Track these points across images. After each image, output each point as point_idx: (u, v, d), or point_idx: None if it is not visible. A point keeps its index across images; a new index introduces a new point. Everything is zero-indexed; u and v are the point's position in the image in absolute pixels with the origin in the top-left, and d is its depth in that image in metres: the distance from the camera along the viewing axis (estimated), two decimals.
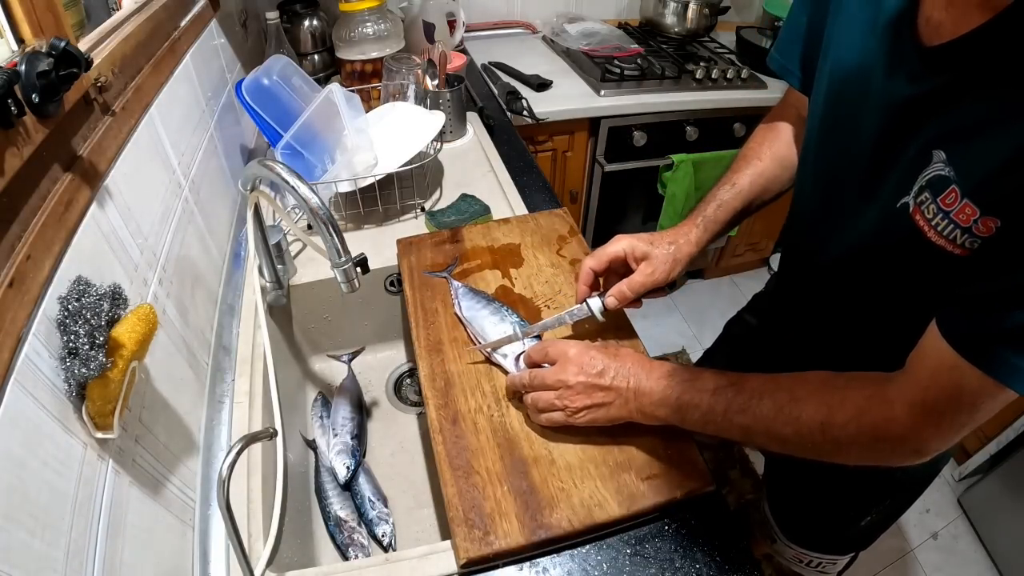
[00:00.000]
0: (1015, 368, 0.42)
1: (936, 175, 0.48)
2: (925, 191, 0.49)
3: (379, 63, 1.33)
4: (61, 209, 0.45)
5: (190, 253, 0.73)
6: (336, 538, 0.75)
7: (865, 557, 1.53)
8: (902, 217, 0.51)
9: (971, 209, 0.45)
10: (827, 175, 0.64)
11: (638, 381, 0.61)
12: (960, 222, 0.46)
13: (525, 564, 0.58)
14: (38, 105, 0.41)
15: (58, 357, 0.42)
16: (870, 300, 0.63)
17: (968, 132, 0.46)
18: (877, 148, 0.55)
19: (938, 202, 0.47)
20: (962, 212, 0.45)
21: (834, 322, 0.70)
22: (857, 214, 0.59)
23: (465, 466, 0.62)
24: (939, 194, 0.47)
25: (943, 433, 0.48)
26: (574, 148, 1.63)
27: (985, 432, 1.61)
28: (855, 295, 0.64)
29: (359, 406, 0.90)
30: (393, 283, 0.98)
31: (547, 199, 1.08)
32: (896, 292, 0.58)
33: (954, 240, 0.47)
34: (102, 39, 0.60)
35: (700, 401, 0.57)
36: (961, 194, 0.45)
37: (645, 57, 1.71)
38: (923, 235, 0.49)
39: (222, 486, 0.47)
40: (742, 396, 0.55)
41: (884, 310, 0.62)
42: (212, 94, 0.94)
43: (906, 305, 0.57)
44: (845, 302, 0.67)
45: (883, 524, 0.85)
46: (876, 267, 0.59)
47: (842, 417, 0.50)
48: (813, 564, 0.89)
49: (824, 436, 0.51)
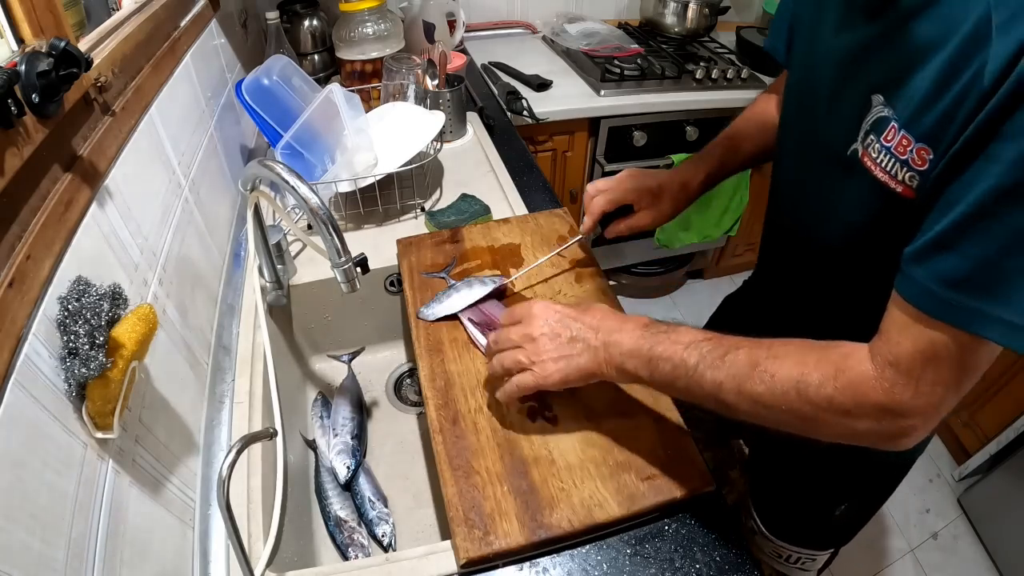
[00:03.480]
0: (976, 313, 0.41)
1: (877, 117, 0.51)
2: (870, 134, 0.52)
3: (379, 63, 1.33)
4: (61, 209, 0.45)
5: (190, 253, 0.73)
6: (336, 538, 0.75)
7: (865, 557, 1.54)
8: (854, 164, 0.54)
9: (907, 140, 0.48)
10: (797, 140, 0.67)
11: (608, 332, 0.58)
12: (899, 154, 0.49)
13: (525, 564, 0.58)
14: (38, 105, 0.41)
15: (58, 357, 0.42)
16: (848, 269, 0.63)
17: (900, 71, 0.49)
18: (831, 103, 0.58)
19: (881, 140, 0.51)
20: (900, 144, 0.49)
21: (818, 295, 0.71)
22: (824, 175, 0.61)
23: (465, 466, 0.62)
24: (881, 133, 0.51)
25: (922, 395, 0.45)
26: (574, 148, 1.63)
27: (985, 432, 1.61)
28: (834, 266, 0.65)
29: (359, 406, 0.90)
30: (393, 283, 0.98)
31: (547, 199, 1.08)
32: (868, 253, 0.59)
33: (895, 176, 0.50)
34: (102, 39, 0.60)
35: (672, 354, 0.54)
36: (899, 128, 0.49)
37: (645, 57, 1.70)
38: (872, 175, 0.52)
39: (222, 486, 0.47)
40: (718, 350, 0.52)
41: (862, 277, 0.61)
42: (212, 94, 0.94)
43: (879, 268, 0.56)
44: (826, 275, 0.67)
45: (860, 516, 0.84)
46: (846, 228, 0.60)
47: (818, 376, 0.47)
48: (792, 559, 0.89)
49: (799, 397, 0.47)
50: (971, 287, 0.41)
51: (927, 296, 0.44)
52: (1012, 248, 0.40)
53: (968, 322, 0.42)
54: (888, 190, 0.50)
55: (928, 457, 1.79)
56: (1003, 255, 0.40)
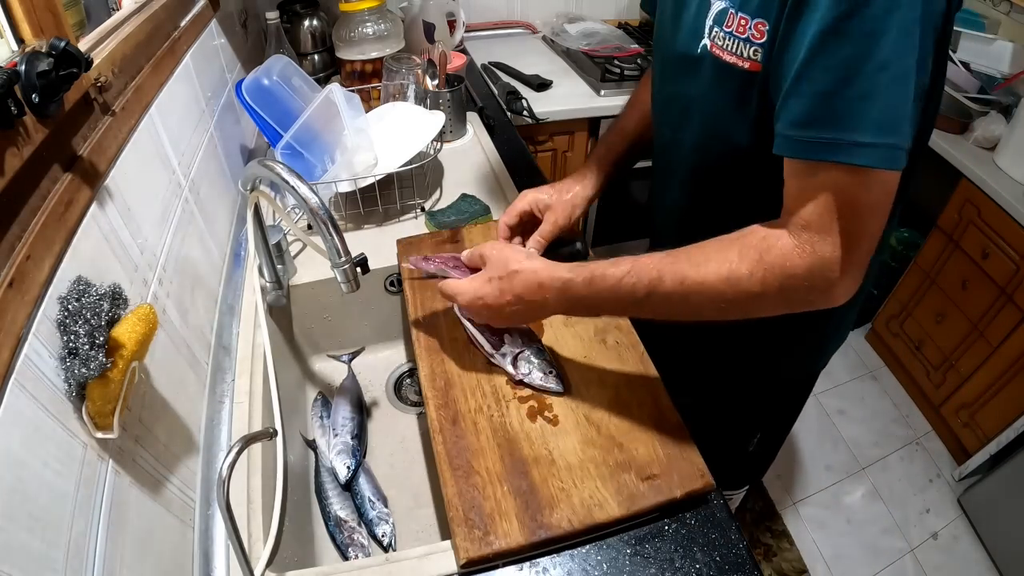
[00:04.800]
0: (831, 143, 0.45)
1: (718, 10, 0.58)
2: (715, 27, 0.59)
3: (379, 63, 1.33)
4: (61, 209, 0.45)
5: (190, 253, 0.73)
6: (336, 538, 0.75)
7: (865, 557, 1.54)
8: (705, 57, 0.60)
9: (744, 19, 0.54)
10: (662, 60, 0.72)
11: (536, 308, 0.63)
12: (739, 34, 0.55)
13: (525, 564, 0.58)
14: (38, 105, 0.41)
15: (58, 357, 0.42)
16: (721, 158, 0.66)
17: None
18: (678, 15, 0.64)
19: (723, 27, 0.57)
20: (739, 25, 0.55)
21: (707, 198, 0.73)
22: (682, 79, 0.66)
23: (465, 466, 0.62)
24: (722, 22, 0.57)
25: (841, 243, 0.47)
26: (574, 148, 1.63)
27: (985, 432, 1.61)
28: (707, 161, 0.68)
29: (359, 406, 0.90)
30: (393, 283, 0.98)
31: None
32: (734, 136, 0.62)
33: (741, 54, 0.56)
34: (102, 39, 0.60)
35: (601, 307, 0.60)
36: (736, 12, 0.55)
37: (645, 57, 1.70)
38: (721, 61, 0.58)
39: (222, 486, 0.47)
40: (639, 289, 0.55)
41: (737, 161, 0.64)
42: (212, 94, 0.94)
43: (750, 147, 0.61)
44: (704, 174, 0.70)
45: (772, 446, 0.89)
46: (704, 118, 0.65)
47: (746, 268, 0.50)
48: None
49: (734, 290, 0.51)
50: (820, 122, 0.46)
51: (789, 143, 0.49)
52: (846, 78, 0.44)
53: (830, 153, 0.46)
54: (737, 70, 0.56)
55: (928, 457, 1.79)
56: (839, 86, 0.45)
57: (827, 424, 1.86)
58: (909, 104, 0.45)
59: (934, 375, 1.79)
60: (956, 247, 1.63)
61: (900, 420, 1.89)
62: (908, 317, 1.86)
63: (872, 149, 0.44)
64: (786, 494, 1.67)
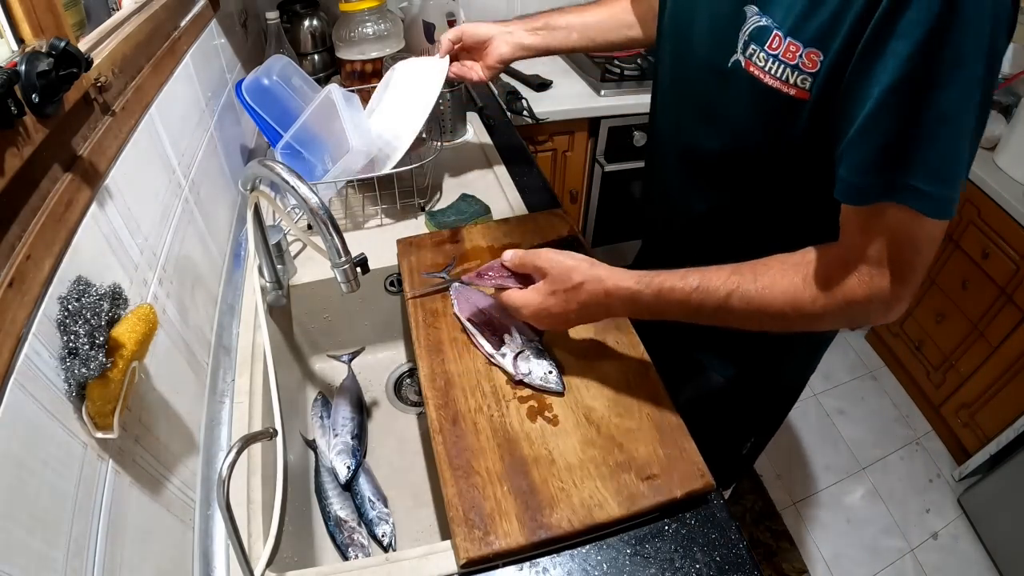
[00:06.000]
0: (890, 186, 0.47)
1: (756, 27, 0.55)
2: (751, 44, 0.56)
3: (379, 63, 1.33)
4: (61, 209, 0.45)
5: (190, 253, 0.73)
6: (336, 538, 0.75)
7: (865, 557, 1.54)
8: (738, 74, 0.58)
9: (794, 46, 0.52)
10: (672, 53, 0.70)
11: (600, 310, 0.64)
12: (788, 60, 0.53)
13: (525, 564, 0.58)
14: (38, 105, 0.41)
15: (58, 357, 0.42)
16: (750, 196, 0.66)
17: None
18: (702, 17, 0.61)
19: (766, 49, 0.54)
20: (788, 51, 0.52)
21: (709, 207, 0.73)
22: (703, 85, 0.65)
23: (465, 466, 0.62)
24: (764, 42, 0.54)
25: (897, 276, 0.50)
26: (574, 148, 1.63)
27: (985, 432, 1.61)
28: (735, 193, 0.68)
29: (359, 406, 0.90)
30: (393, 283, 0.98)
31: (547, 199, 1.08)
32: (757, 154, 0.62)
33: (787, 80, 0.54)
34: (102, 39, 0.60)
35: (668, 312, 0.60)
36: (783, 36, 0.52)
37: (645, 57, 1.70)
38: (761, 83, 0.56)
39: (222, 486, 0.47)
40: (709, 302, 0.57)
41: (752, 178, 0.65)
42: (212, 94, 0.94)
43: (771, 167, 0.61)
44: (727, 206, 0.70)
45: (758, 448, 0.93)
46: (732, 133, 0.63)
47: (809, 294, 0.53)
48: None
49: (798, 313, 0.54)
50: (884, 167, 0.47)
51: (853, 190, 0.49)
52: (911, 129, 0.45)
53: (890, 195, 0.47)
54: (782, 95, 0.54)
55: (928, 457, 1.79)
56: (904, 136, 0.46)
57: (827, 424, 1.86)
58: (965, 157, 0.47)
59: (934, 375, 1.79)
60: (956, 247, 1.63)
61: (900, 420, 1.89)
62: (908, 317, 1.86)
63: (928, 198, 0.46)
64: (786, 494, 1.67)
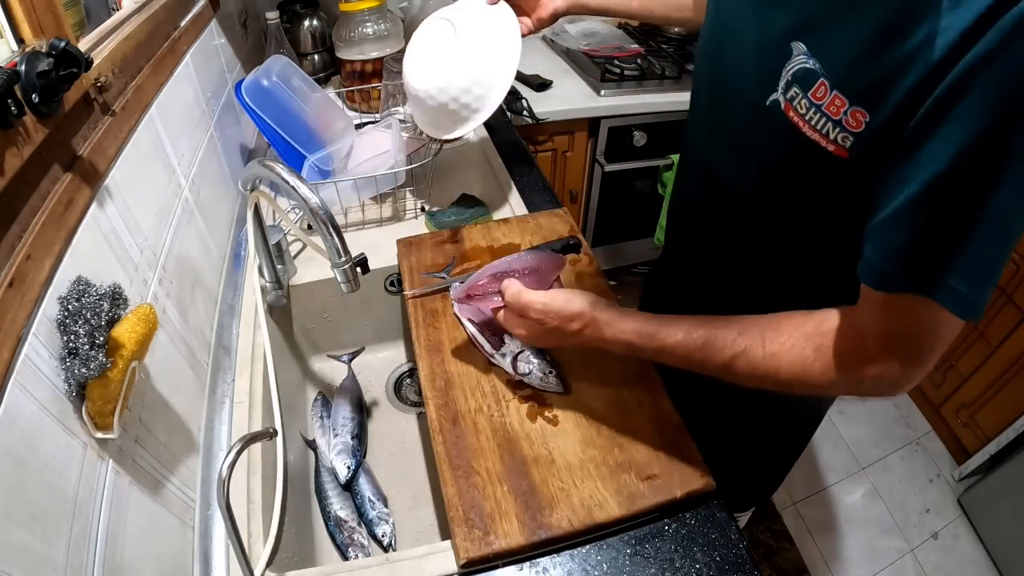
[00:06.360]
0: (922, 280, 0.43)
1: (801, 68, 0.49)
2: (793, 86, 0.50)
3: (379, 63, 1.33)
4: (61, 209, 0.45)
5: (190, 253, 0.73)
6: (336, 538, 0.75)
7: (865, 557, 1.54)
8: (776, 116, 0.52)
9: (840, 100, 0.46)
10: (708, 78, 0.65)
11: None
12: (831, 114, 0.47)
13: (525, 564, 0.58)
14: (38, 105, 0.41)
15: (58, 357, 0.42)
16: (772, 222, 0.62)
17: (825, 20, 0.47)
18: (744, 45, 0.56)
19: (809, 96, 0.48)
20: (832, 104, 0.47)
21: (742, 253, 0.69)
22: (739, 120, 0.59)
23: (465, 466, 0.62)
24: (809, 88, 0.48)
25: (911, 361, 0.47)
26: (574, 148, 1.63)
27: (985, 432, 1.61)
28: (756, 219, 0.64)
29: (359, 406, 0.90)
30: (393, 283, 0.98)
31: (547, 199, 1.08)
32: (786, 199, 0.58)
33: (827, 135, 0.48)
34: (102, 39, 0.60)
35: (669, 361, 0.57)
36: (831, 86, 0.47)
37: (645, 57, 1.70)
38: (799, 132, 0.50)
39: (222, 486, 0.47)
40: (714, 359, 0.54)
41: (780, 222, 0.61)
42: (212, 94, 0.94)
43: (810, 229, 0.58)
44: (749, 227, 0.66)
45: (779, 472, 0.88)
46: (763, 174, 0.58)
47: (819, 367, 0.50)
48: None
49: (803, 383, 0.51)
50: (917, 260, 0.43)
51: (884, 278, 0.45)
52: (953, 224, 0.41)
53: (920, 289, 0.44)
54: (819, 148, 0.49)
55: (928, 457, 1.79)
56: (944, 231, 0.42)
57: (827, 424, 1.86)
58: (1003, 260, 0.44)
59: (934, 375, 1.79)
60: None
61: (900, 420, 1.89)
62: None
63: (961, 299, 0.43)
64: (786, 494, 1.67)
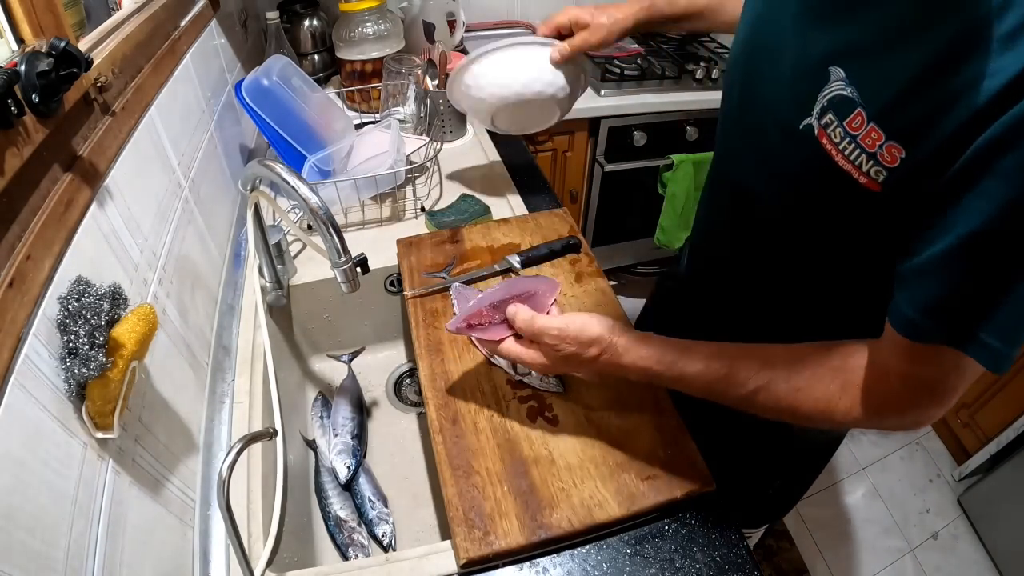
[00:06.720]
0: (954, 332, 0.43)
1: (838, 95, 0.47)
2: (828, 112, 0.48)
3: (379, 63, 1.33)
4: (61, 209, 0.45)
5: (190, 253, 0.73)
6: (336, 538, 0.75)
7: (865, 557, 1.54)
8: (808, 141, 0.50)
9: (877, 133, 0.44)
10: (740, 95, 0.62)
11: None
12: (866, 147, 0.45)
13: (525, 564, 0.58)
14: (38, 105, 0.41)
15: (58, 357, 0.42)
16: (799, 246, 0.61)
17: (867, 48, 0.45)
18: (780, 65, 0.53)
19: (845, 125, 0.46)
20: (868, 136, 0.45)
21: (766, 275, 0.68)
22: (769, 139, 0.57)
23: (465, 466, 0.62)
24: (845, 117, 0.46)
25: (936, 401, 0.48)
26: (574, 148, 1.63)
27: (985, 432, 1.61)
28: (783, 242, 0.63)
29: (359, 406, 0.90)
30: (393, 283, 0.98)
31: (547, 199, 1.08)
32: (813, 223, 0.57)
33: (860, 166, 0.46)
34: (102, 39, 0.60)
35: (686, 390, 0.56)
36: (868, 118, 0.44)
37: (645, 57, 1.70)
38: (832, 160, 0.48)
39: (222, 486, 0.47)
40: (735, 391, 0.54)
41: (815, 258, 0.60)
42: (212, 94, 0.94)
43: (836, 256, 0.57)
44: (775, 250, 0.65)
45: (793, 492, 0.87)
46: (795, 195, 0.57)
47: (844, 404, 0.50)
48: None
49: (829, 421, 0.51)
50: (951, 314, 0.42)
51: (915, 328, 0.44)
52: (991, 282, 0.40)
53: (952, 341, 0.43)
54: (850, 179, 0.47)
55: (928, 457, 1.79)
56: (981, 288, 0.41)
57: None
58: None
59: None
60: None
61: None
62: None
63: (993, 353, 0.42)
64: None
